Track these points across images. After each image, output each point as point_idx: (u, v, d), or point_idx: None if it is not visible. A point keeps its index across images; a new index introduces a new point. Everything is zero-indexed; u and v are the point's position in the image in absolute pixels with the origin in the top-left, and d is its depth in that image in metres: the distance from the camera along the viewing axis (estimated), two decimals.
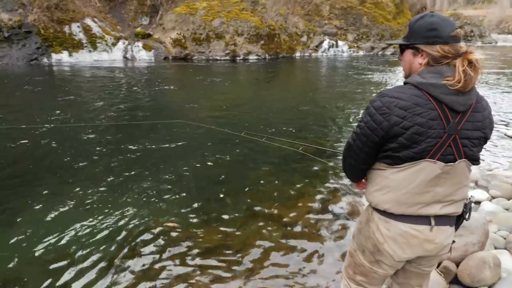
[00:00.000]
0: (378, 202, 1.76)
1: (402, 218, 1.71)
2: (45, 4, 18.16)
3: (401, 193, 1.68)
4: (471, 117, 1.63)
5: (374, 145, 1.70)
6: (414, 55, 1.70)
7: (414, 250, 1.74)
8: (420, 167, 1.63)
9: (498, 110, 9.58)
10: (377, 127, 1.64)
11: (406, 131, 1.59)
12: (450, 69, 1.58)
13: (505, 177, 5.13)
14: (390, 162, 1.70)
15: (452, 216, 1.76)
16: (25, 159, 5.85)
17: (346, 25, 28.11)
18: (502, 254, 3.24)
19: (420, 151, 1.61)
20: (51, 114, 8.57)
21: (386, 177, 1.73)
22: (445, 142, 1.60)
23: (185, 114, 8.97)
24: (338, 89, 13.24)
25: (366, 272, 1.92)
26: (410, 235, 1.71)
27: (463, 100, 1.59)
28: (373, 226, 1.81)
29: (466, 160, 1.66)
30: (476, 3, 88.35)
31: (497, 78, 15.43)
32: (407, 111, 1.58)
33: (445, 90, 1.56)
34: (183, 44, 21.41)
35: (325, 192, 4.93)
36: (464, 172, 1.69)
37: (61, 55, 18.31)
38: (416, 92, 1.60)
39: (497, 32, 58.50)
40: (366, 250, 1.88)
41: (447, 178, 1.66)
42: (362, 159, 1.79)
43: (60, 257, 3.48)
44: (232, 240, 3.81)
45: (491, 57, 24.96)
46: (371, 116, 1.66)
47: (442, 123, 1.58)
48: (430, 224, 1.70)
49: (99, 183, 5.00)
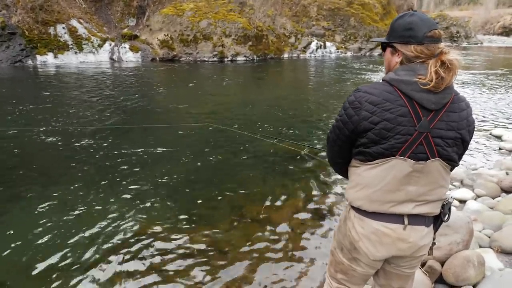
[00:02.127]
0: (352, 199, 1.78)
1: (375, 216, 1.72)
2: (29, 5, 17.92)
3: (373, 190, 1.69)
4: (445, 117, 1.61)
5: (346, 139, 1.73)
6: (392, 54, 1.72)
7: (388, 248, 1.73)
8: (390, 164, 1.63)
9: (483, 110, 9.67)
10: (348, 121, 1.67)
11: (374, 126, 1.60)
12: (424, 67, 1.58)
13: (490, 176, 5.16)
14: (362, 159, 1.71)
15: (428, 216, 1.74)
16: (10, 163, 5.73)
17: (334, 26, 28.22)
18: (487, 253, 3.24)
19: (389, 147, 1.60)
20: (37, 117, 8.43)
21: (359, 174, 1.74)
22: (416, 139, 1.59)
23: (177, 116, 8.90)
24: (327, 88, 13.28)
25: (346, 270, 1.92)
26: (383, 233, 1.71)
27: (434, 98, 1.57)
28: (349, 223, 1.82)
29: (440, 159, 1.64)
30: (462, 4, 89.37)
31: (483, 78, 15.59)
32: (377, 106, 1.59)
33: (416, 87, 1.56)
34: (171, 46, 21.29)
35: (316, 193, 4.92)
36: (439, 172, 1.66)
37: (46, 57, 18.08)
38: (388, 88, 1.61)
39: (483, 33, 59.22)
40: (344, 247, 1.89)
41: (420, 177, 1.64)
42: (336, 152, 1.85)
43: (46, 262, 3.41)
44: (220, 242, 3.77)
45: (476, 57, 25.25)
46: (345, 110, 1.69)
47: (412, 120, 1.58)
48: (403, 223, 1.69)
49: (87, 187, 4.93)
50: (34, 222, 4.08)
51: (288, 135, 7.36)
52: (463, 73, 16.60)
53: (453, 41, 41.13)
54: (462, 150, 1.71)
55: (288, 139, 6.67)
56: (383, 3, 31.30)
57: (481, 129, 7.78)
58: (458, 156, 1.70)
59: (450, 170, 1.75)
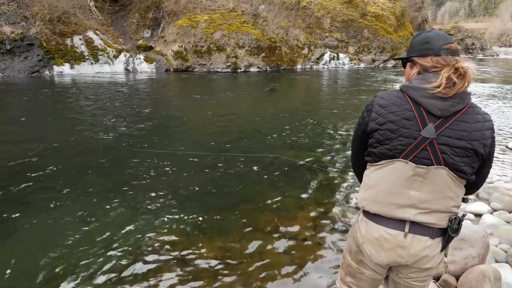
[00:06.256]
0: (359, 199, 1.86)
1: (378, 220, 1.76)
2: (47, 17, 18.28)
3: (377, 191, 1.75)
4: (455, 125, 1.60)
5: (360, 140, 1.85)
6: (411, 67, 1.79)
7: (388, 254, 1.75)
8: (393, 166, 1.69)
9: (499, 122, 9.53)
10: (361, 122, 1.82)
11: (380, 127, 1.69)
12: (436, 76, 1.62)
13: (506, 190, 5.06)
14: (370, 160, 1.80)
15: (433, 227, 1.70)
16: (22, 173, 5.81)
17: (347, 38, 28.24)
18: (503, 268, 3.17)
19: (392, 148, 1.67)
20: (56, 126, 8.56)
21: (367, 175, 1.83)
22: (419, 144, 1.62)
23: (191, 126, 8.96)
24: (342, 100, 13.23)
25: (354, 272, 1.95)
26: (384, 239, 1.74)
27: (441, 104, 1.59)
28: (356, 226, 1.89)
29: (446, 168, 1.62)
30: (477, 16, 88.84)
31: (499, 90, 15.41)
32: (384, 109, 1.70)
33: (424, 93, 1.61)
34: (185, 57, 21.50)
35: (330, 205, 4.87)
36: (445, 182, 1.64)
37: (62, 67, 18.38)
38: (399, 94, 1.71)
39: (498, 45, 58.75)
40: (352, 250, 1.93)
41: (423, 183, 1.65)
42: (355, 154, 1.98)
43: (56, 269, 3.43)
44: (232, 253, 3.76)
45: (492, 69, 24.98)
46: (362, 112, 1.84)
47: (417, 124, 1.62)
48: (404, 230, 1.70)
49: (98, 196, 4.96)
50: (46, 229, 4.13)
51: (299, 146, 7.34)
52: (479, 85, 16.43)
53: (469, 53, 40.83)
54: (477, 163, 1.66)
55: (300, 150, 6.64)
56: (397, 15, 31.24)
57: (497, 142, 7.66)
58: (470, 168, 1.65)
59: (466, 185, 1.71)
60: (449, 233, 1.72)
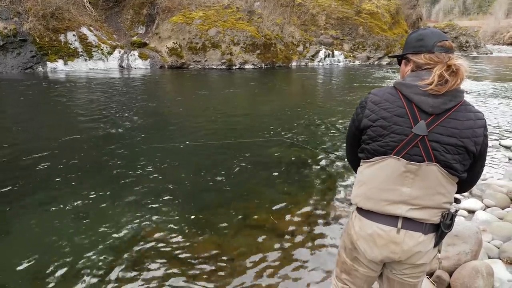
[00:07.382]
0: (353, 196, 1.86)
1: (371, 216, 1.77)
2: (40, 13, 18.16)
3: (369, 188, 1.76)
4: (446, 122, 1.61)
5: (354, 136, 1.86)
6: (405, 64, 1.80)
7: (382, 250, 1.76)
8: (385, 163, 1.70)
9: (492, 120, 9.59)
10: (355, 119, 1.82)
11: (373, 123, 1.71)
12: (429, 73, 1.63)
13: (499, 187, 5.10)
14: (364, 157, 1.81)
15: (425, 223, 1.71)
16: (16, 170, 5.78)
17: (342, 35, 28.29)
18: (496, 264, 3.20)
19: (384, 145, 1.69)
20: (49, 123, 8.50)
21: (361, 172, 1.84)
22: (411, 141, 1.63)
23: (194, 123, 8.94)
24: (338, 97, 13.26)
25: (349, 269, 1.96)
26: (377, 235, 1.75)
27: (433, 102, 1.60)
28: (350, 223, 1.90)
29: (437, 165, 1.63)
30: (471, 14, 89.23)
31: (492, 88, 15.50)
32: (377, 105, 1.71)
33: (416, 90, 1.63)
34: (179, 53, 21.44)
35: (326, 200, 4.89)
36: (437, 178, 1.66)
37: (56, 64, 18.27)
38: (392, 91, 1.72)
39: (492, 43, 59.08)
40: (346, 247, 1.94)
41: (415, 180, 1.66)
42: (349, 150, 1.99)
43: (51, 267, 3.42)
44: (226, 249, 3.76)
45: (486, 67, 25.12)
46: (356, 109, 1.84)
47: (409, 121, 1.63)
48: (397, 226, 1.71)
49: (92, 193, 4.93)
50: (44, 227, 4.11)
51: (295, 139, 7.35)
52: (472, 83, 16.53)
53: (462, 51, 41.06)
54: (468, 160, 1.67)
55: (295, 142, 6.66)
56: (392, 12, 31.35)
57: (490, 140, 7.71)
58: (461, 165, 1.66)
59: (458, 183, 1.73)
60: (442, 228, 1.73)
